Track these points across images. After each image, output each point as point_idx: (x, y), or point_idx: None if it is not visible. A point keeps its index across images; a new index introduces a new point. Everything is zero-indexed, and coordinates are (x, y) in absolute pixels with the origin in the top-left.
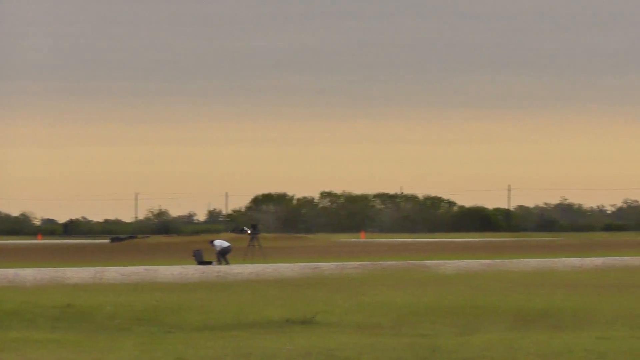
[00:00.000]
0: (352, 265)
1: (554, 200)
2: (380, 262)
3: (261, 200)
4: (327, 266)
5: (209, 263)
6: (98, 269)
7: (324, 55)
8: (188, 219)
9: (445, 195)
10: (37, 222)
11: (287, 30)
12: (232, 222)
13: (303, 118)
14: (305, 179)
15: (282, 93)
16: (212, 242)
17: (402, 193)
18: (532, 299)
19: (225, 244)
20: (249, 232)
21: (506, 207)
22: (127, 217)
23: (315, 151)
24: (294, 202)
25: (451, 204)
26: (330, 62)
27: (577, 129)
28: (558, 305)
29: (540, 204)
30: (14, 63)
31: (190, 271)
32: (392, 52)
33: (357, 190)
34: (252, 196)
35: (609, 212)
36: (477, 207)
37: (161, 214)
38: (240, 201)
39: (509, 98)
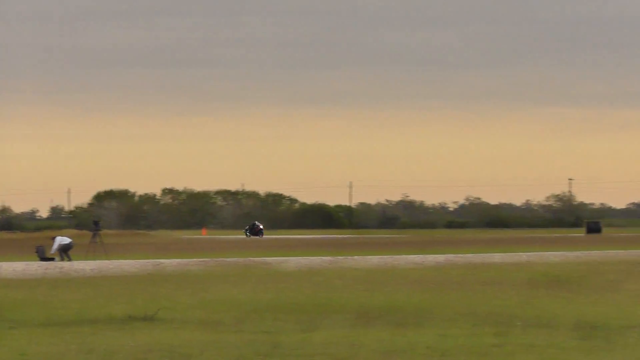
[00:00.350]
0: (194, 262)
1: (396, 197)
2: (222, 259)
3: (103, 197)
4: (169, 263)
5: (52, 259)
6: None
7: (164, 52)
8: (31, 216)
9: (286, 192)
10: None
11: (131, 26)
12: (75, 219)
13: (145, 115)
14: (147, 175)
15: (124, 90)
16: (54, 238)
17: (244, 190)
18: (374, 296)
19: (66, 240)
20: (261, 226)
21: (348, 204)
22: None
23: (157, 148)
24: (136, 198)
25: (293, 200)
26: (171, 59)
27: (419, 127)
28: (400, 302)
29: (382, 201)
30: None
31: (33, 267)
32: (233, 49)
33: (199, 187)
34: (94, 193)
35: (450, 209)
36: (319, 204)
37: (4, 210)
38: (82, 197)
39: (351, 95)
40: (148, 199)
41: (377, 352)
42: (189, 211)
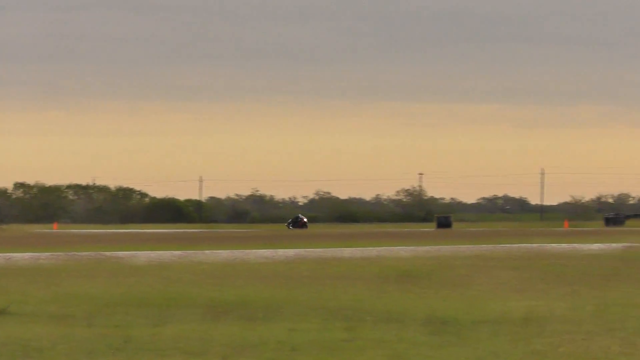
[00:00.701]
0: (45, 256)
1: (246, 191)
2: (74, 253)
3: None
4: (21, 256)
5: None
6: None
7: (17, 47)
8: None
9: (137, 186)
10: None
11: None
12: None
13: None
14: None
15: None
16: None
17: (95, 184)
18: (224, 290)
19: None
20: (305, 219)
21: (198, 198)
22: None
23: (9, 142)
24: None
25: (143, 195)
26: (23, 54)
27: (269, 121)
28: (250, 296)
29: (232, 195)
30: None
31: None
32: (86, 45)
33: (50, 181)
34: None
35: (300, 203)
36: (169, 198)
37: None
38: None
39: (201, 90)
40: (0, 192)
41: (227, 346)
42: (41, 205)
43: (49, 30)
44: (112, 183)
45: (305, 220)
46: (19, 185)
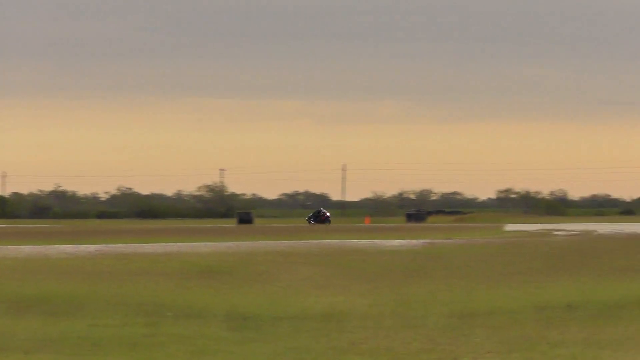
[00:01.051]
0: None
1: (49, 187)
2: None
3: None
4: None
5: None
6: None
7: None
8: None
9: None
10: None
11: None
12: None
13: None
14: None
15: None
16: None
17: None
18: (26, 286)
19: None
20: (328, 214)
21: (1, 193)
22: None
23: None
24: None
25: None
26: None
27: (70, 117)
28: (52, 291)
29: (35, 190)
30: None
31: None
32: None
33: None
34: None
35: (102, 199)
36: None
37: None
38: None
39: (2, 86)
40: None
41: (29, 341)
42: None
43: None
44: None
45: (328, 214)
46: None
